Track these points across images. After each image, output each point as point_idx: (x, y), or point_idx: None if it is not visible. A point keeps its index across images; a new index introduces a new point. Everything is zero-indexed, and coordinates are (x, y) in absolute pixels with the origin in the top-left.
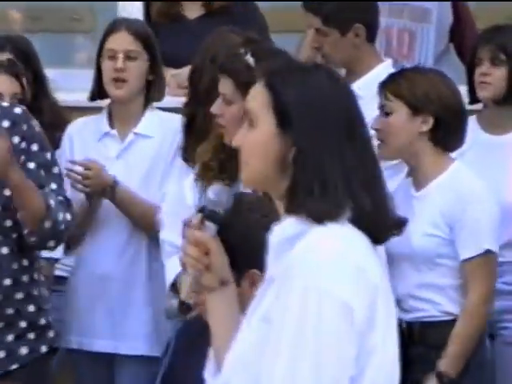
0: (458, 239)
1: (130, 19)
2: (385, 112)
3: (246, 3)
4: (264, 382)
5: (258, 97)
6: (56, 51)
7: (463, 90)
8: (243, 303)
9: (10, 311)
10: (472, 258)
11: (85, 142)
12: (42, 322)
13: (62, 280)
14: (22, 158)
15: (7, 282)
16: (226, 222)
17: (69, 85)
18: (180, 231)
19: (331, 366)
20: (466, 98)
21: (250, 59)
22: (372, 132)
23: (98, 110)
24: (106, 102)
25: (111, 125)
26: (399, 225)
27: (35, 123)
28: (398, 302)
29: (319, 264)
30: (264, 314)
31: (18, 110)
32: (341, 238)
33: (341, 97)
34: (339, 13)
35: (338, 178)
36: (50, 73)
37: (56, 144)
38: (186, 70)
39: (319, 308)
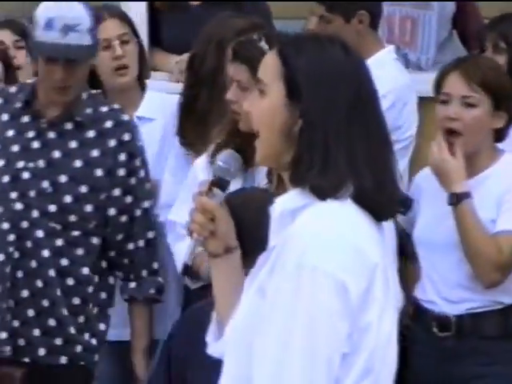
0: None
1: (107, 5)
2: (466, 103)
3: None
4: (256, 355)
5: (270, 65)
6: None
7: None
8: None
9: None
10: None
11: None
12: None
13: None
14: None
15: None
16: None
17: None
18: None
19: (323, 343)
20: None
21: (264, 45)
22: None
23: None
24: None
25: None
26: (404, 204)
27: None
28: (446, 294)
29: (315, 241)
30: (260, 285)
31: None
32: (340, 216)
33: (354, 70)
34: (344, 0)
35: (342, 153)
36: None
37: None
38: None
39: (312, 286)
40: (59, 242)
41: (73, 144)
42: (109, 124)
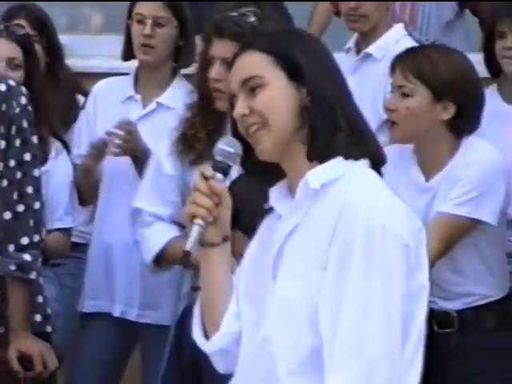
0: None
1: None
2: (403, 93)
3: None
4: (330, 323)
5: (256, 61)
6: (70, 17)
7: (476, 58)
8: None
9: None
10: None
11: (108, 102)
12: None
13: (78, 246)
14: (2, 143)
15: None
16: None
17: (84, 51)
18: (158, 201)
19: (397, 302)
20: (478, 65)
21: (253, 20)
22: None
23: (115, 75)
24: (120, 68)
25: (136, 89)
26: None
27: (22, 106)
28: (440, 291)
29: (378, 206)
30: (316, 258)
31: (2, 86)
32: (378, 181)
33: (321, 42)
34: None
35: (351, 117)
36: (64, 39)
37: (75, 114)
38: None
39: (384, 246)
40: None
41: None
42: None
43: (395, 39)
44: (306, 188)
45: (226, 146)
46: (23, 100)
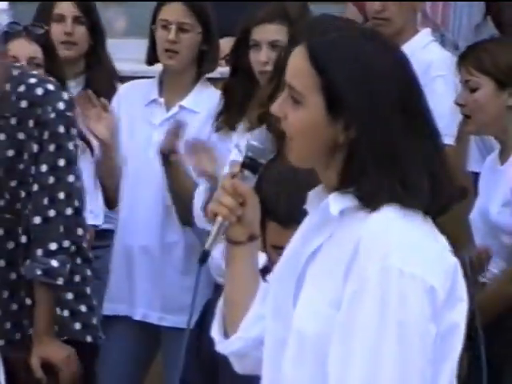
0: None
1: None
2: (470, 88)
3: None
4: (339, 367)
5: (303, 74)
6: None
7: None
8: None
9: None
10: None
11: (133, 104)
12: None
13: (108, 233)
14: (35, 147)
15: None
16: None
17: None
18: None
19: (416, 353)
20: None
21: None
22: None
23: (138, 78)
24: (144, 72)
25: (160, 93)
26: (459, 196)
27: (59, 111)
28: None
29: (397, 244)
30: (330, 297)
31: (39, 90)
32: (410, 218)
33: (395, 68)
34: None
35: (393, 156)
36: None
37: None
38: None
39: (400, 290)
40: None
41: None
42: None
43: (422, 45)
44: (327, 212)
45: (257, 141)
46: (61, 105)
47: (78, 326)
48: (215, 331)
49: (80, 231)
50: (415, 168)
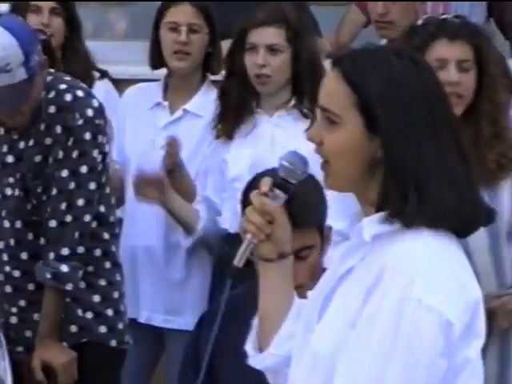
0: None
1: None
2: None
3: None
4: None
5: (337, 92)
6: (95, 23)
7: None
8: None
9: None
10: None
11: (137, 108)
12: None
13: None
14: (60, 153)
15: None
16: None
17: (109, 57)
18: None
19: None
20: None
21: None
22: None
23: (139, 81)
24: (145, 74)
25: (165, 96)
26: (487, 218)
27: (86, 118)
28: None
29: (420, 274)
30: (349, 317)
31: (68, 96)
32: (440, 247)
33: (426, 86)
34: None
35: (429, 179)
36: (89, 45)
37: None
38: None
39: (415, 320)
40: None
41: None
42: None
43: None
44: (361, 236)
45: (289, 162)
46: (89, 112)
47: (103, 329)
48: (249, 345)
49: (106, 236)
50: (445, 187)
